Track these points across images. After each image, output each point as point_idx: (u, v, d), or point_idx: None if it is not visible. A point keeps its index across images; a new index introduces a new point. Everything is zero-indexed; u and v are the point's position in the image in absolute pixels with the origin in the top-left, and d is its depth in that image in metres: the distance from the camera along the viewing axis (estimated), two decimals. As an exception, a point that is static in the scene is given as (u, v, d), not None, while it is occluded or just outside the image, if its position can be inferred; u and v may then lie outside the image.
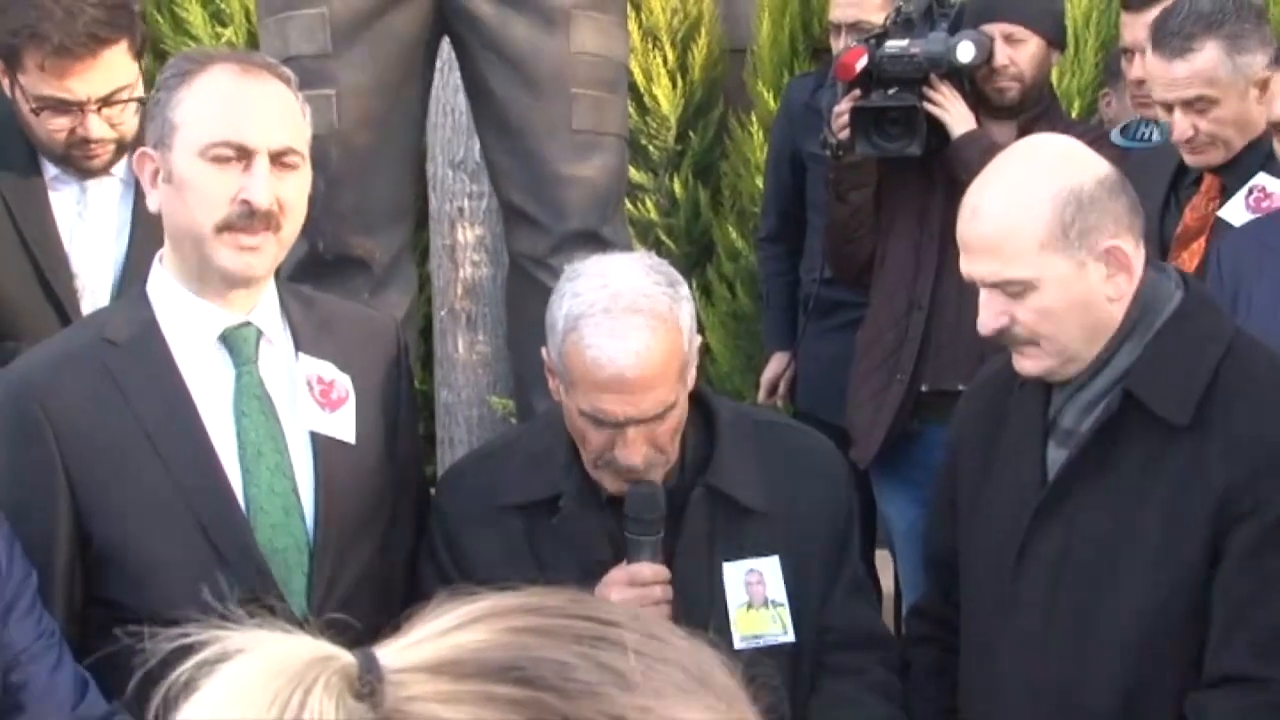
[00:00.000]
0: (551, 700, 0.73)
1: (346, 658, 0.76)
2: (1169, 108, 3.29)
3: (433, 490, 2.80)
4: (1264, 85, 3.23)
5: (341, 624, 0.88)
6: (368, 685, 0.74)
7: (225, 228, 2.29)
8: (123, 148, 2.91)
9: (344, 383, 2.46)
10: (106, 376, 2.34)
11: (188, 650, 0.78)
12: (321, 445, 2.41)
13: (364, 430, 2.46)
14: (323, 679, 0.74)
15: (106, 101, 2.86)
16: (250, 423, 2.38)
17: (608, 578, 2.39)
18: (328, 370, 2.45)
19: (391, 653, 0.77)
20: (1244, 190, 3.28)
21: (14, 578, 2.21)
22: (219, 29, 5.37)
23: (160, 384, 2.35)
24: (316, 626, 0.79)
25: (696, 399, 2.54)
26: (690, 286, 2.53)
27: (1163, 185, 3.37)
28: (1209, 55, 3.24)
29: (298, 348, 2.44)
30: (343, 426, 2.44)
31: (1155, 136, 3.35)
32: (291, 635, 0.78)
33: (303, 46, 3.15)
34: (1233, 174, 3.32)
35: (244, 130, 2.28)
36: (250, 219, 2.28)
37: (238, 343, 2.39)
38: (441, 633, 0.78)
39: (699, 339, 2.48)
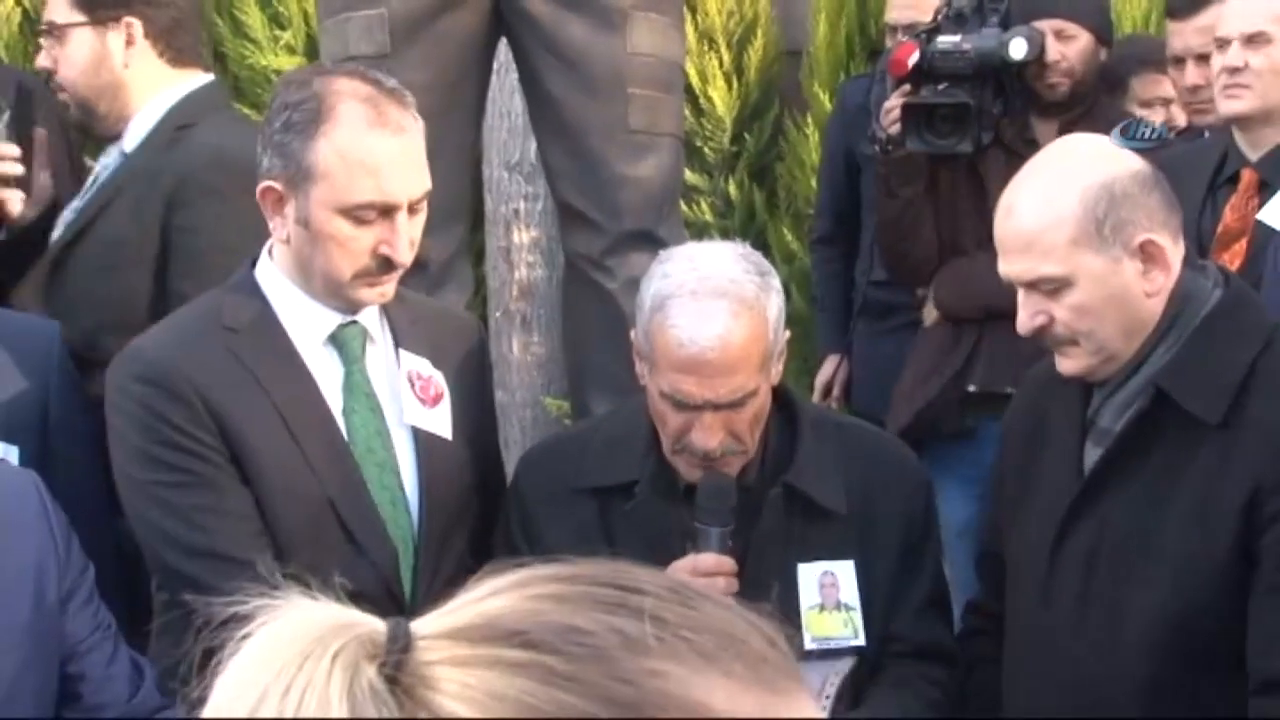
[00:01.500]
0: (553, 662, 0.74)
1: (372, 625, 0.77)
2: (1225, 46, 3.30)
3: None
4: None
5: None
6: (393, 651, 0.75)
7: (363, 274, 2.36)
8: (76, 97, 3.09)
9: (439, 379, 2.52)
10: (233, 360, 2.38)
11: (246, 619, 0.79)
12: (423, 441, 2.47)
13: (456, 426, 2.51)
14: (337, 644, 0.75)
15: (46, 32, 3.13)
16: (359, 420, 2.43)
17: (672, 566, 2.39)
18: (425, 367, 2.50)
19: (425, 620, 0.78)
20: None
21: (73, 569, 2.24)
22: (278, 32, 5.41)
23: (289, 371, 2.41)
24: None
25: (781, 398, 2.54)
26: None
27: (1201, 184, 3.35)
28: None
29: (398, 344, 2.49)
30: (441, 422, 2.49)
31: (1154, 135, 3.33)
32: (322, 603, 0.79)
33: (362, 47, 3.17)
34: (1272, 169, 3.31)
35: (387, 191, 2.33)
36: (389, 267, 2.35)
37: (346, 341, 2.44)
38: (472, 601, 0.79)
39: (787, 334, 2.48)
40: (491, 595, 0.79)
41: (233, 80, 5.44)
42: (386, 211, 2.33)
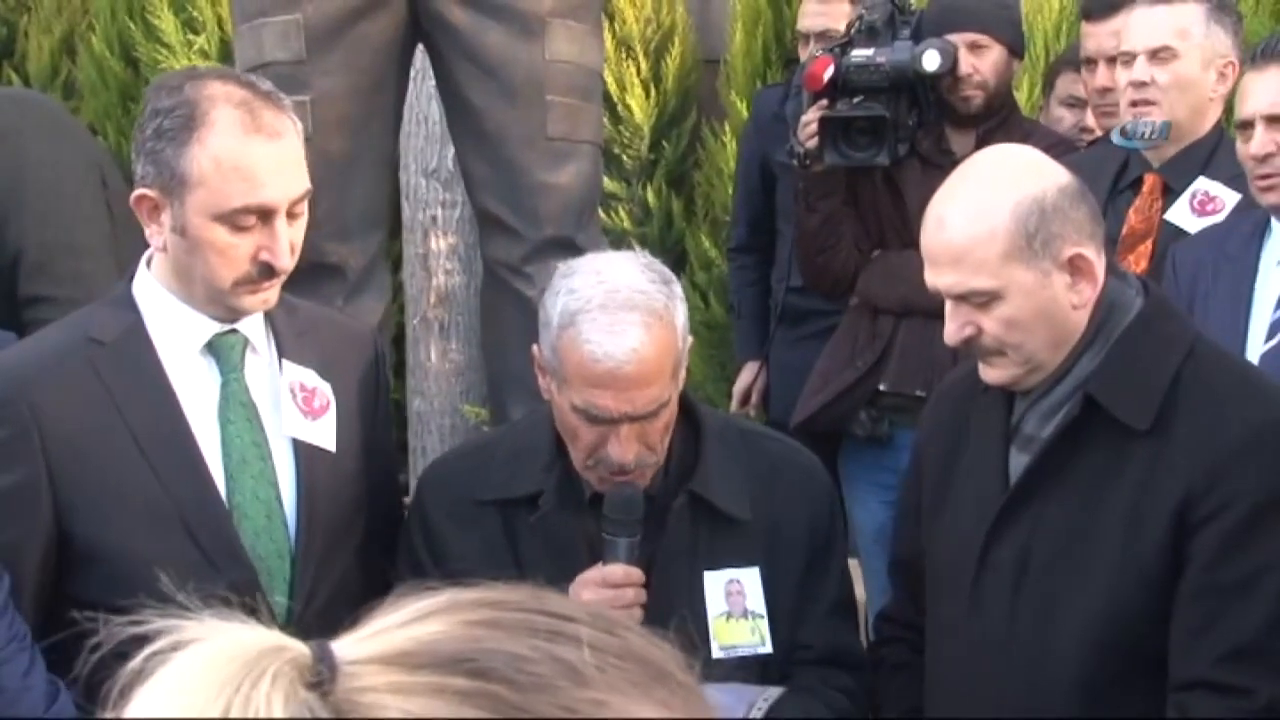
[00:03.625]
0: (503, 692, 0.73)
1: (300, 648, 0.76)
2: (1131, 60, 3.35)
3: (407, 497, 2.80)
4: (1222, 76, 3.30)
5: (322, 630, 0.88)
6: (320, 675, 0.74)
7: (244, 281, 2.31)
8: None
9: (325, 390, 2.46)
10: (93, 376, 2.33)
11: (143, 639, 0.77)
12: (303, 453, 2.42)
13: (343, 438, 2.46)
14: (273, 668, 0.74)
15: None
16: (235, 430, 2.38)
17: (581, 578, 2.38)
18: (310, 378, 2.46)
19: (347, 644, 0.77)
20: (1187, 194, 3.33)
21: (-14, 582, 2.20)
22: (191, 36, 5.36)
23: (147, 387, 2.35)
24: (298, 632, 0.79)
25: (683, 406, 2.54)
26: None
27: (1102, 189, 3.39)
28: (1190, 10, 3.33)
29: (281, 355, 2.44)
30: (324, 434, 2.44)
31: (1153, 135, 3.38)
32: (246, 625, 0.78)
33: (277, 53, 3.15)
34: (1174, 174, 3.37)
35: (263, 194, 2.27)
36: (269, 273, 2.31)
37: (224, 350, 2.39)
38: (398, 625, 0.78)
39: (690, 339, 2.49)
40: (418, 620, 0.78)
41: (145, 85, 5.38)
42: (265, 217, 2.28)
